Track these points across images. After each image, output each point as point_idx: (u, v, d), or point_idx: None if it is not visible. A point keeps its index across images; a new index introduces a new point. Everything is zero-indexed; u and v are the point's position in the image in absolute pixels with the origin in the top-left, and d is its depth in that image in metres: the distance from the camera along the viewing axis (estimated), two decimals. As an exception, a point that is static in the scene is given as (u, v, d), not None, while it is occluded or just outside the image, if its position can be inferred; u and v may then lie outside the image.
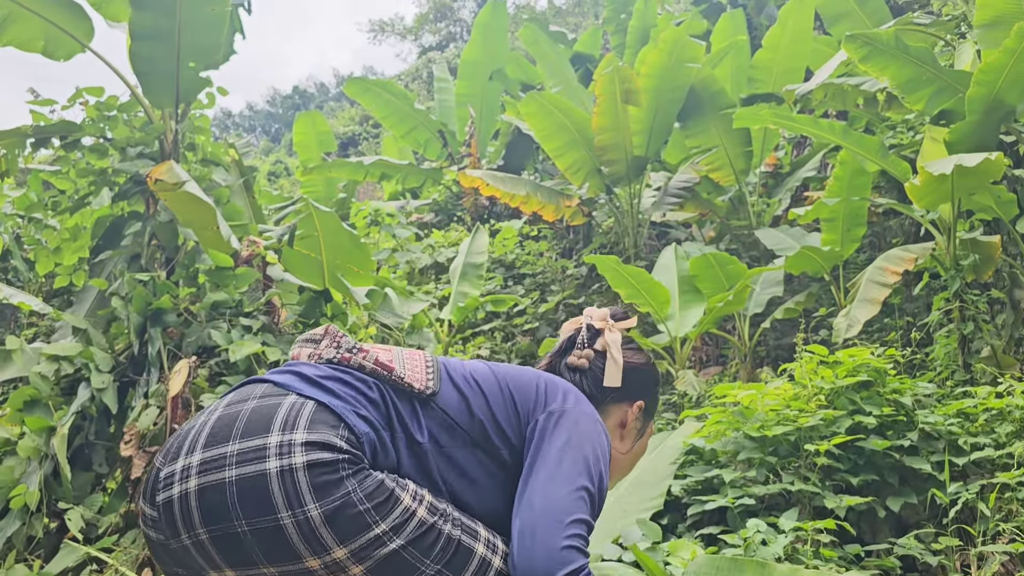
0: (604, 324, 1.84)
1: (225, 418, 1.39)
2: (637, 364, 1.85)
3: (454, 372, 1.60)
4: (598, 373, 1.79)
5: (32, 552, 4.12)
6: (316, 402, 1.40)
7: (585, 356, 1.81)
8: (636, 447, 1.85)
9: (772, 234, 8.14)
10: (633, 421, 1.82)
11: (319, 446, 1.33)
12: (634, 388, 1.82)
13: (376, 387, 1.49)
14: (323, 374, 1.49)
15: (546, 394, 1.61)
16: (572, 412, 1.58)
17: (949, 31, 7.88)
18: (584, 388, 1.76)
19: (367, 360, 1.52)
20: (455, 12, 36.16)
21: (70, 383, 4.47)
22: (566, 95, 10.78)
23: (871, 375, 4.02)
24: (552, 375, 1.71)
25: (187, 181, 4.48)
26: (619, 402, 1.80)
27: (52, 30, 5.07)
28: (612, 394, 1.79)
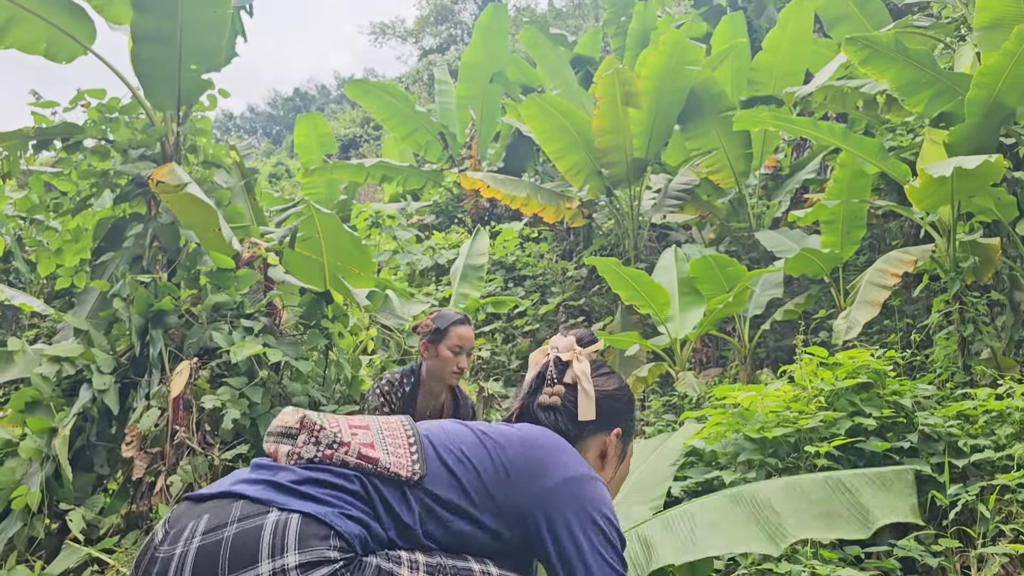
0: (571, 354, 1.81)
1: (207, 549, 1.32)
2: (610, 391, 1.82)
3: (441, 448, 1.55)
4: (572, 408, 1.76)
5: (33, 553, 4.13)
6: (300, 514, 1.35)
7: (556, 393, 1.77)
8: (619, 472, 1.83)
9: (772, 236, 8.15)
10: (613, 449, 1.80)
11: (313, 564, 1.30)
12: (610, 416, 1.79)
13: (358, 479, 1.45)
14: (302, 478, 1.43)
15: (539, 466, 1.56)
16: (567, 488, 1.55)
17: (949, 34, 7.89)
18: (560, 426, 1.74)
19: (349, 455, 1.46)
20: (456, 15, 36.21)
21: (72, 384, 4.48)
22: (566, 97, 10.80)
23: (871, 377, 4.03)
24: (536, 435, 1.65)
25: (188, 183, 4.49)
26: (597, 433, 1.77)
27: (54, 32, 5.08)
28: (589, 427, 1.76)
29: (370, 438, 1.50)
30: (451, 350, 3.40)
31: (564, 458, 1.60)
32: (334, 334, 5.01)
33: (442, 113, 13.87)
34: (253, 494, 1.39)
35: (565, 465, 1.59)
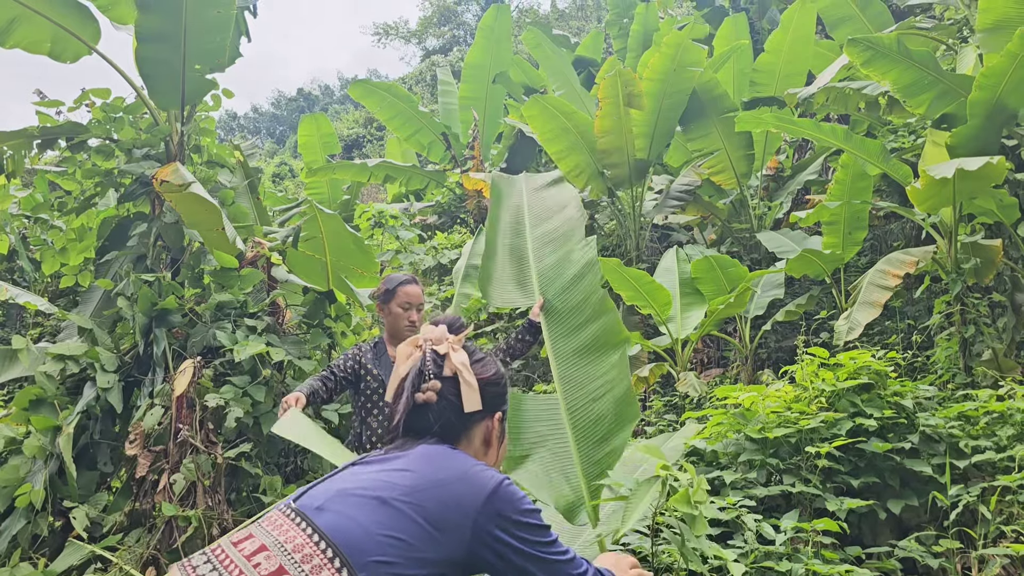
0: (446, 345, 1.78)
1: None
2: (489, 378, 1.81)
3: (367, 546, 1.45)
4: (455, 401, 1.73)
5: (37, 550, 4.14)
6: None
7: (432, 388, 1.73)
8: (501, 450, 1.85)
9: (773, 237, 8.16)
10: (496, 433, 1.81)
11: None
12: (492, 402, 1.80)
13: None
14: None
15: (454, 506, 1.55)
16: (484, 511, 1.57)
17: (951, 35, 7.89)
18: (446, 421, 1.71)
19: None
20: (459, 16, 36.23)
21: (76, 383, 4.50)
22: (569, 98, 10.81)
23: (872, 378, 4.03)
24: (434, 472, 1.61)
25: (192, 182, 4.50)
26: (481, 421, 1.77)
27: (59, 32, 5.09)
28: (474, 417, 1.75)
29: (277, 563, 1.40)
30: (401, 306, 3.78)
31: (468, 484, 1.59)
32: (337, 333, 5.03)
33: (445, 114, 13.89)
34: None
35: (478, 488, 1.59)
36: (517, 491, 1.64)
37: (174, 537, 4.00)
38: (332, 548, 1.41)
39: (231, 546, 1.44)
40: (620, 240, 10.15)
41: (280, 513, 1.51)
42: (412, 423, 1.72)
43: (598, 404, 2.59)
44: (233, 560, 1.41)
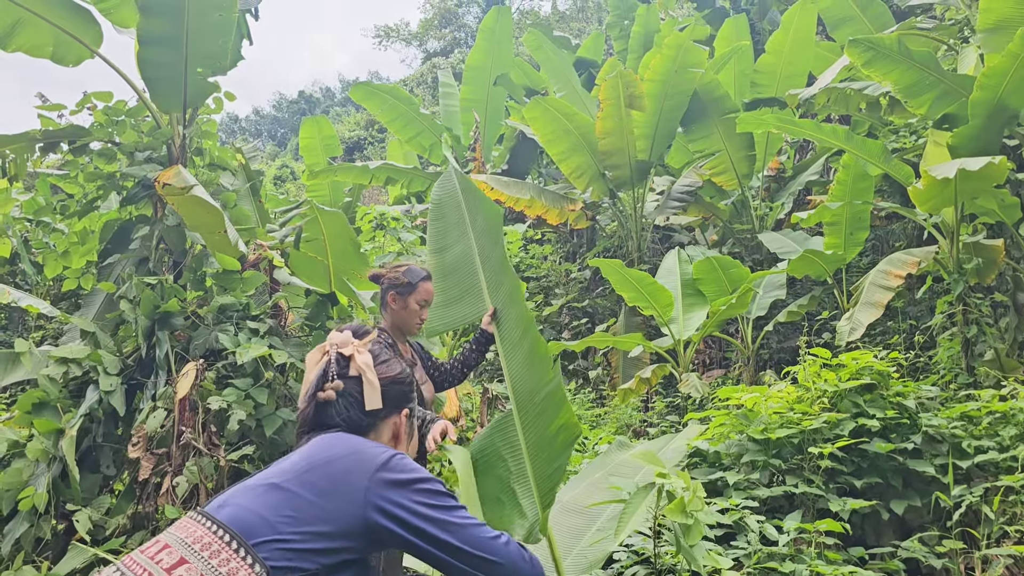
0: (351, 348, 1.85)
1: None
2: (393, 376, 1.89)
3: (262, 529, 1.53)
4: (357, 397, 1.80)
5: (40, 553, 4.14)
6: None
7: (334, 388, 1.80)
8: (410, 447, 1.92)
9: (775, 238, 8.16)
10: (404, 428, 1.88)
11: None
12: (397, 399, 1.87)
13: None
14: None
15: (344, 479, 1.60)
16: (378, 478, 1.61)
17: (952, 36, 7.89)
18: (351, 417, 1.78)
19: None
20: (460, 18, 36.25)
21: (78, 386, 4.50)
22: (570, 100, 10.82)
23: (874, 378, 4.03)
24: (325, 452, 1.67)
25: (194, 185, 4.51)
26: (387, 418, 1.84)
27: (61, 36, 5.11)
28: (380, 414, 1.82)
29: (197, 571, 1.46)
30: (418, 303, 3.61)
31: (363, 455, 1.66)
32: (339, 335, 5.02)
33: (446, 116, 13.89)
34: None
35: (368, 460, 1.64)
36: (410, 462, 1.69)
37: (177, 540, 4.00)
38: (230, 534, 1.49)
39: (140, 554, 1.51)
40: (622, 241, 10.15)
41: (187, 518, 1.58)
42: (318, 420, 1.79)
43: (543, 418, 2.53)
44: (140, 563, 1.47)
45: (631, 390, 7.25)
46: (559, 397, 2.49)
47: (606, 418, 7.36)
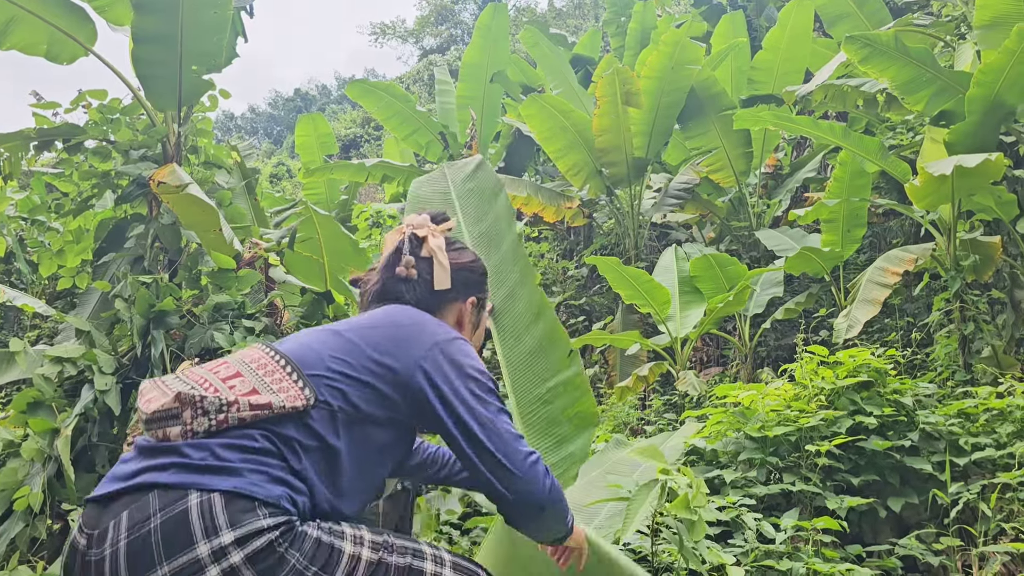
0: (426, 230, 1.90)
1: (136, 545, 1.32)
2: (464, 263, 1.94)
3: (314, 363, 1.58)
4: (428, 279, 1.86)
5: (35, 554, 4.13)
6: (221, 492, 1.36)
7: (410, 265, 1.86)
8: (474, 338, 1.96)
9: (772, 235, 8.16)
10: (468, 316, 1.93)
11: (250, 536, 1.33)
12: (466, 286, 1.92)
13: (261, 435, 1.46)
14: (208, 452, 1.42)
15: (407, 340, 1.65)
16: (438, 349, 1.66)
17: (949, 32, 7.89)
18: (418, 296, 1.84)
19: (242, 412, 1.46)
20: (456, 15, 36.21)
21: (73, 385, 4.48)
22: (567, 97, 10.80)
23: (871, 375, 4.03)
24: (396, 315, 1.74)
25: (190, 184, 4.49)
26: (453, 302, 1.89)
27: (55, 34, 5.08)
28: (446, 296, 1.87)
29: (250, 384, 1.51)
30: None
31: (429, 328, 1.71)
32: (335, 334, 5.01)
33: (442, 113, 13.86)
34: (166, 480, 1.37)
35: (432, 333, 1.69)
36: (472, 350, 1.72)
37: (173, 539, 3.99)
38: (286, 360, 1.57)
39: (199, 367, 1.59)
40: (619, 239, 10.14)
41: (252, 347, 1.66)
42: (386, 295, 1.85)
43: (550, 408, 2.53)
44: (198, 373, 1.55)
45: (628, 388, 7.25)
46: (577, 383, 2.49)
47: (603, 416, 7.36)
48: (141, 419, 1.49)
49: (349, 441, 1.55)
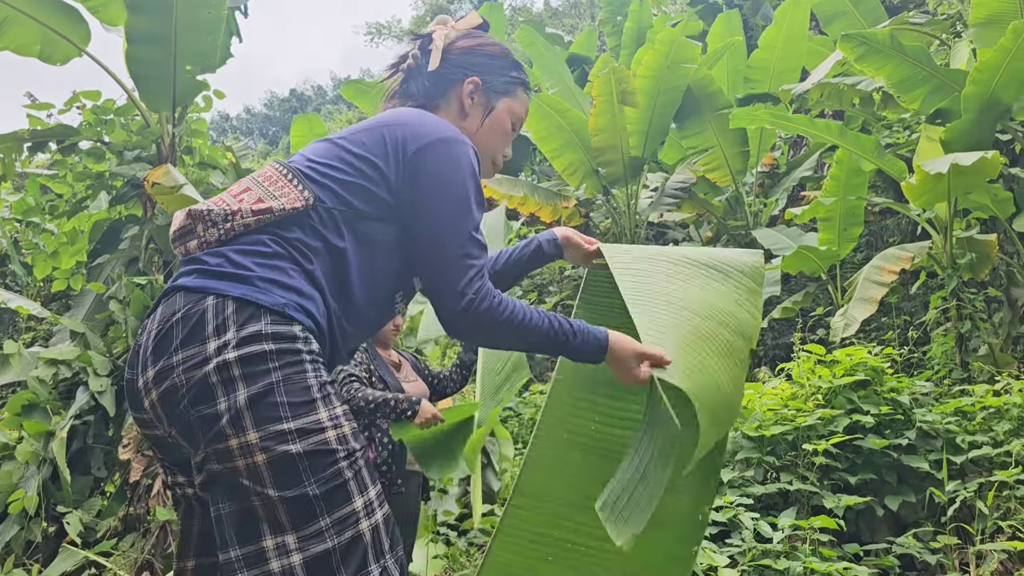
0: (438, 26, 1.84)
1: (161, 334, 1.46)
2: (469, 45, 1.84)
3: (311, 167, 1.62)
4: (426, 64, 1.80)
5: (31, 556, 4.11)
6: (233, 299, 1.45)
7: (411, 56, 1.82)
8: (487, 124, 1.84)
9: (769, 234, 8.15)
10: (468, 98, 1.81)
11: (250, 340, 1.41)
12: (466, 67, 1.82)
13: (271, 240, 1.53)
14: (222, 259, 1.52)
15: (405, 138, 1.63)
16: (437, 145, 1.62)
17: (944, 30, 7.89)
18: (419, 87, 1.80)
19: (247, 218, 1.54)
20: (452, 15, 36.12)
21: (68, 387, 4.47)
22: (563, 96, 10.79)
23: (868, 374, 4.02)
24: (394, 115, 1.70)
25: (184, 184, 4.47)
26: (454, 85, 1.81)
27: (49, 34, 5.06)
28: (447, 81, 1.80)
29: (256, 195, 1.57)
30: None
31: (428, 122, 1.66)
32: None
33: (438, 113, 13.85)
34: (189, 283, 1.49)
35: (431, 128, 1.64)
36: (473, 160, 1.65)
37: (168, 542, 3.98)
38: (288, 168, 1.62)
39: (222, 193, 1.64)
40: (616, 238, 10.13)
41: (266, 166, 1.69)
42: (393, 94, 1.85)
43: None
44: (216, 196, 1.61)
45: (625, 387, 7.22)
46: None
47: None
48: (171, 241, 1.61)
49: (354, 240, 1.58)
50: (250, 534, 1.40)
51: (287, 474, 1.40)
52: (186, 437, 1.45)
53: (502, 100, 1.85)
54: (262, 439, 1.39)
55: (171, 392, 1.43)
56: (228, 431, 1.39)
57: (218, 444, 1.40)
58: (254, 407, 1.39)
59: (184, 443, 1.47)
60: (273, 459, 1.39)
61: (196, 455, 1.45)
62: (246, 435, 1.39)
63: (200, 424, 1.41)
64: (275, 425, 1.39)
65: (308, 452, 1.40)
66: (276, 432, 1.39)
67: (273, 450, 1.39)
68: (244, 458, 1.39)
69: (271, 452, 1.39)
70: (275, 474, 1.39)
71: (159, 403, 1.45)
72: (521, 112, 1.90)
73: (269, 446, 1.39)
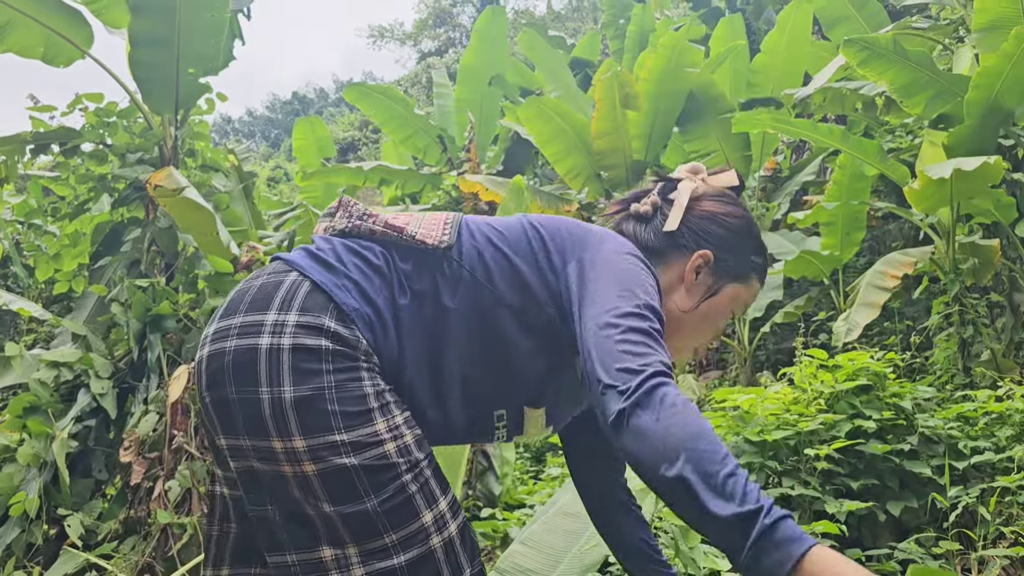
0: (687, 173, 1.60)
1: (241, 291, 1.42)
2: (713, 211, 1.56)
3: (477, 226, 1.48)
4: (661, 221, 1.56)
5: (31, 559, 4.11)
6: (311, 281, 1.36)
7: (651, 203, 1.58)
8: (703, 307, 1.53)
9: (771, 238, 8.14)
10: (692, 272, 1.53)
11: (308, 330, 1.31)
12: (702, 236, 1.54)
13: (382, 255, 1.42)
14: (329, 247, 1.44)
15: (578, 239, 1.45)
16: (604, 253, 1.41)
17: (947, 35, 7.89)
18: (641, 237, 1.56)
19: (376, 225, 1.45)
20: (454, 18, 36.24)
21: (70, 389, 4.47)
22: (565, 100, 10.80)
23: (871, 379, 4.01)
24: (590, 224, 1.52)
25: (186, 187, 4.48)
26: (680, 251, 1.54)
27: (52, 36, 5.07)
28: (673, 243, 1.54)
29: (406, 218, 1.47)
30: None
31: (609, 239, 1.45)
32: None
33: (440, 116, 13.86)
34: (288, 257, 1.44)
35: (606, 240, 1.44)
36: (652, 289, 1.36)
37: (169, 544, 3.98)
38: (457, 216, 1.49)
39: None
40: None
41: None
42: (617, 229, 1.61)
43: None
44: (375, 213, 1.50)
45: (627, 391, 7.22)
46: None
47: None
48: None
49: (469, 309, 1.39)
50: (305, 541, 1.30)
51: (343, 489, 1.28)
52: (219, 410, 1.34)
53: (731, 285, 1.56)
54: (310, 448, 1.27)
55: (217, 356, 1.35)
56: (270, 428, 1.28)
57: (258, 440, 1.30)
58: (300, 411, 1.27)
59: (215, 417, 1.35)
60: (325, 472, 1.27)
61: (223, 438, 1.35)
62: (292, 440, 1.28)
63: (239, 405, 1.31)
64: (325, 436, 1.27)
65: (365, 466, 1.28)
66: (327, 444, 1.27)
67: (326, 461, 1.27)
68: (291, 464, 1.28)
69: (322, 463, 1.27)
70: (329, 488, 1.28)
71: (205, 361, 1.37)
72: (747, 300, 1.62)
73: (321, 456, 1.27)
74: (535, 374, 1.44)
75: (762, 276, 1.62)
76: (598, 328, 1.27)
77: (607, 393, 1.20)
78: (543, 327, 1.42)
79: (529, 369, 1.43)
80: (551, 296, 1.42)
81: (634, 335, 1.25)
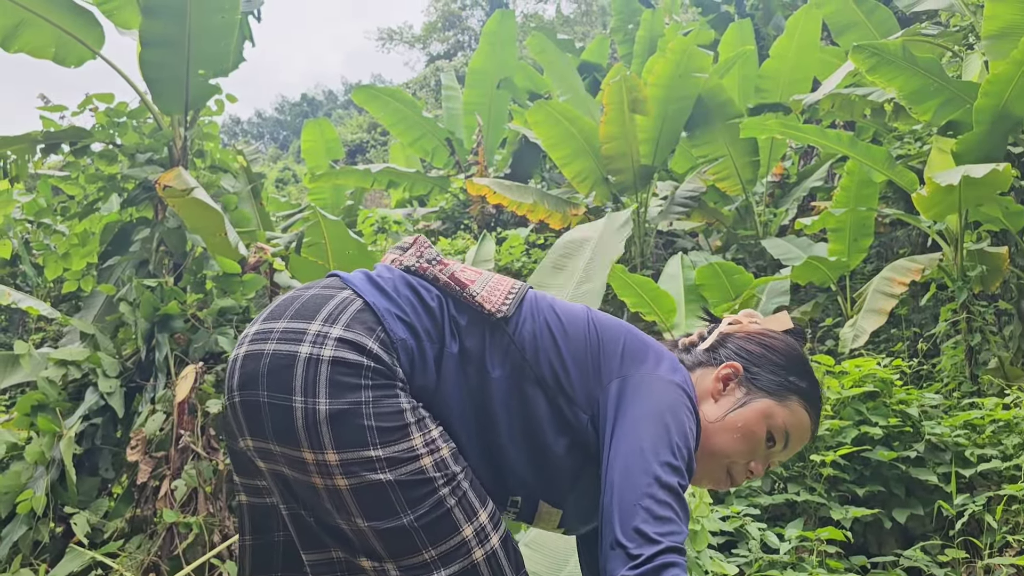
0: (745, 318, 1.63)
1: (289, 298, 1.41)
2: (752, 332, 1.58)
3: (540, 303, 1.47)
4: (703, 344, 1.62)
5: (38, 557, 4.13)
6: (364, 301, 1.36)
7: (697, 334, 1.64)
8: (731, 418, 1.49)
9: (779, 244, 8.14)
10: (719, 382, 1.52)
11: (350, 345, 1.30)
12: (735, 351, 1.56)
13: (438, 298, 1.42)
14: (390, 277, 1.44)
15: (630, 354, 1.44)
16: (649, 378, 1.41)
17: (957, 42, 7.87)
18: (684, 359, 1.58)
19: (442, 273, 1.44)
20: (463, 21, 36.31)
21: (77, 388, 4.48)
22: (573, 104, 10.81)
23: (877, 386, 4.01)
24: (645, 334, 1.53)
25: (195, 187, 4.50)
26: (714, 364, 1.56)
27: (63, 37, 5.10)
28: (710, 357, 1.57)
29: (474, 274, 1.46)
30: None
31: (657, 361, 1.45)
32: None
33: (449, 119, 13.89)
34: (345, 275, 1.45)
35: (657, 365, 1.45)
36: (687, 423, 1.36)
37: (175, 544, 3.99)
38: (519, 289, 1.48)
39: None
40: (624, 246, 10.12)
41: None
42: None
43: None
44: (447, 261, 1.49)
45: (633, 395, 7.21)
46: None
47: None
48: None
49: (510, 384, 1.38)
50: (344, 547, 1.30)
51: (377, 505, 1.27)
52: (247, 412, 1.33)
53: (762, 400, 1.51)
54: (343, 463, 1.26)
55: (253, 357, 1.33)
56: (301, 438, 1.27)
57: (288, 448, 1.29)
58: (335, 424, 1.26)
59: (243, 418, 1.34)
60: (358, 487, 1.26)
61: (249, 439, 1.33)
62: (324, 453, 1.26)
63: (270, 410, 1.29)
64: (360, 451, 1.26)
65: (401, 482, 1.27)
66: (361, 459, 1.26)
67: (359, 476, 1.26)
68: (322, 477, 1.27)
69: (355, 478, 1.26)
70: (362, 504, 1.27)
71: (240, 361, 1.35)
72: (788, 424, 1.52)
73: (353, 471, 1.26)
74: (567, 473, 1.42)
75: (808, 403, 1.54)
76: (625, 468, 1.28)
77: (616, 550, 1.22)
78: (578, 428, 1.41)
79: (562, 466, 1.42)
80: (589, 403, 1.41)
81: (661, 493, 1.26)
